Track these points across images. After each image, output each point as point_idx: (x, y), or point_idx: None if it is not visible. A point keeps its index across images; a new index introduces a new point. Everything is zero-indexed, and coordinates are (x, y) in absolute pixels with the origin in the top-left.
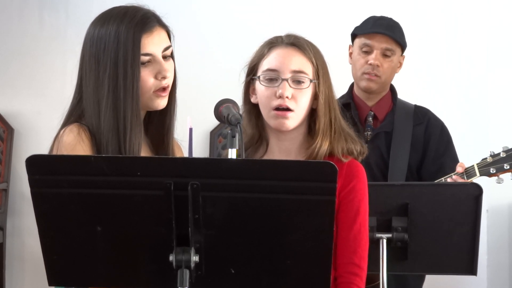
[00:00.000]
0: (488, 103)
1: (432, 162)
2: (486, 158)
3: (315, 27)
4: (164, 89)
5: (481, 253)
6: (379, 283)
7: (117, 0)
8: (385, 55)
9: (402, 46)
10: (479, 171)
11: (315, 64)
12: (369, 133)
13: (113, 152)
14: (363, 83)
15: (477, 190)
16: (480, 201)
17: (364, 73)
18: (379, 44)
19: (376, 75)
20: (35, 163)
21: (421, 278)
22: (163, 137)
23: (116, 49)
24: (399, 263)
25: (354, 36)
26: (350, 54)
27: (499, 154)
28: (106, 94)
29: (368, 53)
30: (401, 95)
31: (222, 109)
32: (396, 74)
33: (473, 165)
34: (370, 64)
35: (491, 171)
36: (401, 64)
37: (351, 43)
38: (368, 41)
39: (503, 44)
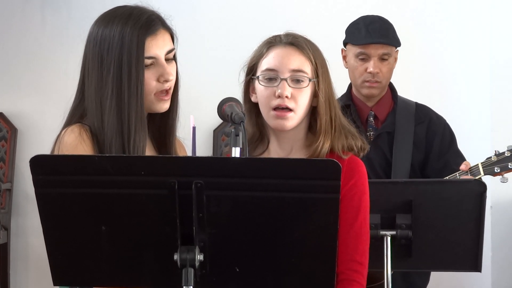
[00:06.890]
0: (491, 100)
1: (437, 159)
2: (490, 157)
3: (314, 26)
4: (166, 92)
5: (485, 249)
6: (383, 282)
7: (118, 0)
8: (382, 59)
9: (397, 45)
10: (483, 170)
11: (314, 62)
12: (371, 133)
13: (116, 154)
14: (365, 91)
15: (481, 187)
16: (484, 198)
17: (364, 81)
18: (376, 51)
19: (376, 81)
20: (39, 163)
21: (426, 275)
22: (165, 138)
23: (120, 51)
24: (403, 260)
25: (346, 42)
26: (344, 57)
27: (503, 153)
28: (109, 95)
29: (365, 60)
30: (403, 93)
31: (225, 108)
32: (397, 73)
33: (477, 164)
34: (370, 72)
35: (496, 170)
36: (396, 59)
37: (343, 47)
38: (363, 50)
39: (507, 41)
